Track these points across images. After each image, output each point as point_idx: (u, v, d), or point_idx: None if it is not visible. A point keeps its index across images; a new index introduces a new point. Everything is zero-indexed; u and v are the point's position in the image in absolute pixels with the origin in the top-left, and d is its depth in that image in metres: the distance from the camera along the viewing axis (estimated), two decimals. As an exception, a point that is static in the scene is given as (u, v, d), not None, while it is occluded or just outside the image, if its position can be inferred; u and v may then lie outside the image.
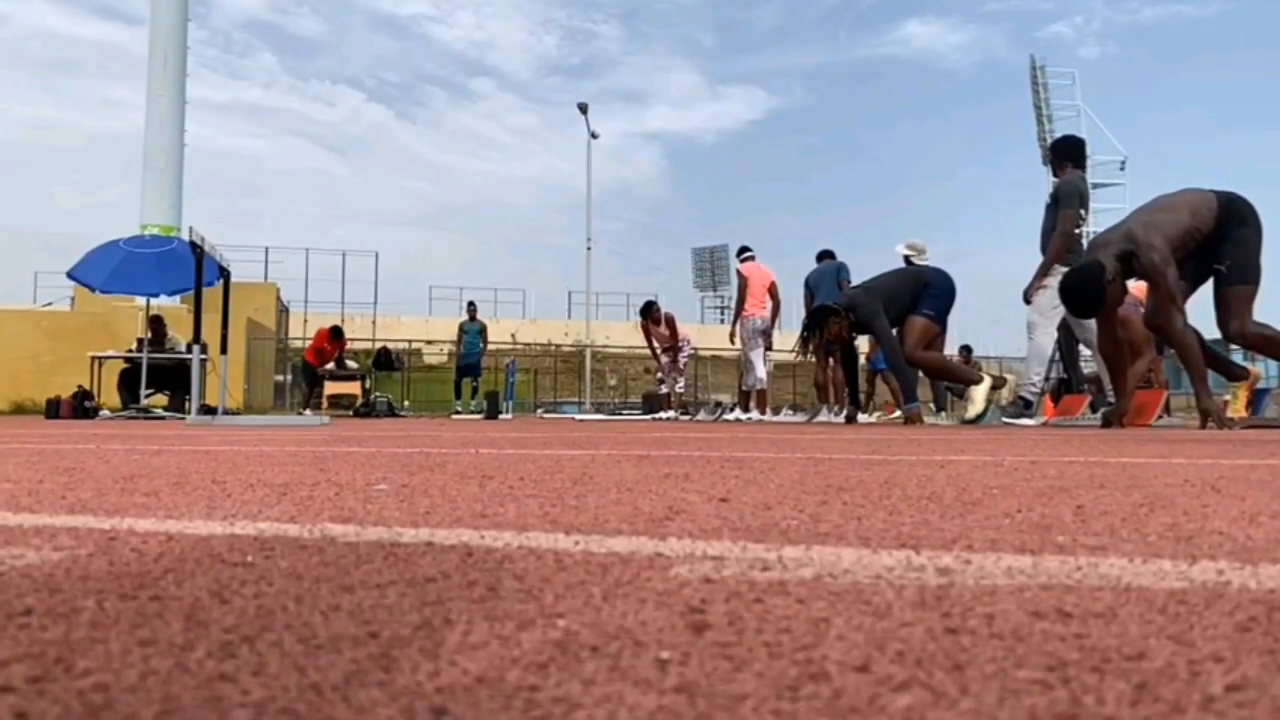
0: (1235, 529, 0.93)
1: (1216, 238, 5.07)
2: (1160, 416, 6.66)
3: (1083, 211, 6.51)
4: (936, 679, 0.42)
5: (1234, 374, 5.62)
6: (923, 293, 6.93)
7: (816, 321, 7.12)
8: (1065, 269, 6.39)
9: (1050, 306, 6.37)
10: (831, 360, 8.63)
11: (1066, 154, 6.67)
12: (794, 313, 10.06)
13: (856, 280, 8.14)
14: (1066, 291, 5.27)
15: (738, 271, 9.73)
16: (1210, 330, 5.33)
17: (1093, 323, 6.73)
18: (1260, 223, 5.11)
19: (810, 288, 9.14)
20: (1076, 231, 6.48)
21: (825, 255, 9.54)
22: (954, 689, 0.41)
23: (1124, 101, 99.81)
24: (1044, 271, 6.41)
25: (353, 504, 1.16)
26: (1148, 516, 1.04)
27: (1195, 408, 5.38)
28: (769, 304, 9.57)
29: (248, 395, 16.00)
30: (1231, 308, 5.03)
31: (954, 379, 7.62)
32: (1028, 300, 6.53)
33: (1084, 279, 5.19)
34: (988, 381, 6.79)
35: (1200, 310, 5.22)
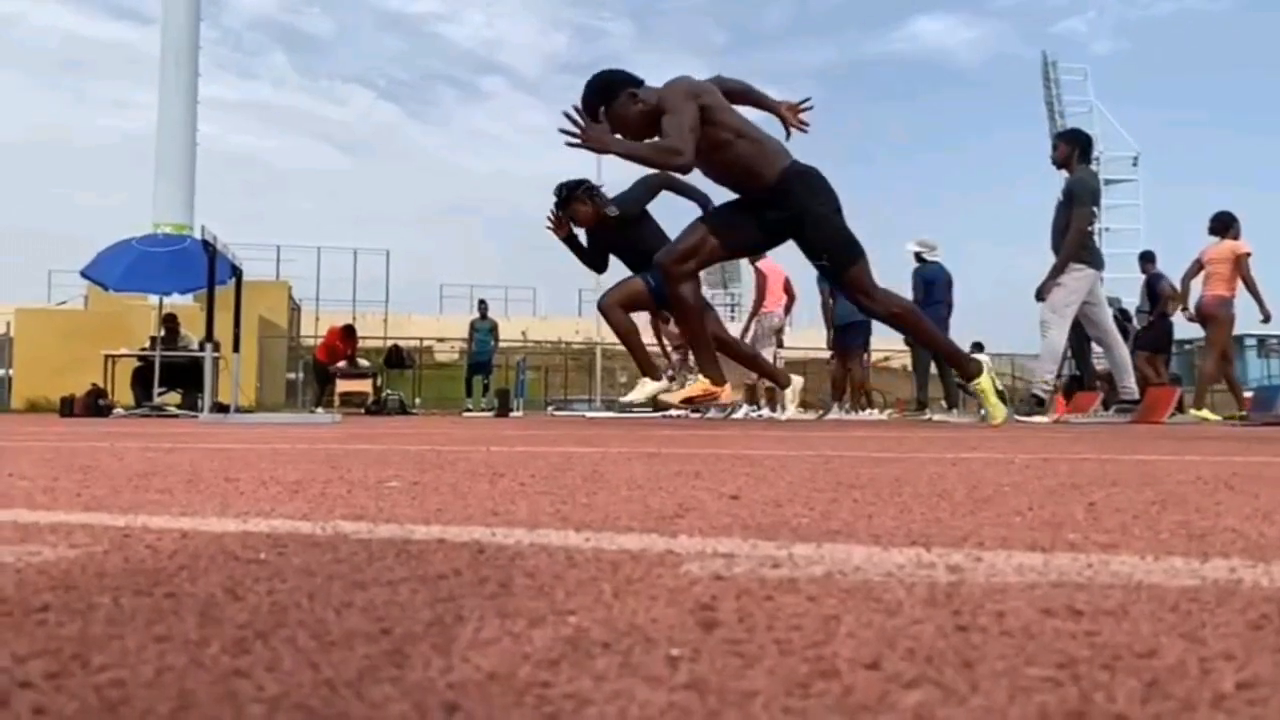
0: (1248, 526, 0.93)
1: (773, 201, 4.45)
2: (1173, 414, 6.63)
3: (1094, 208, 6.47)
4: (947, 676, 0.42)
5: (968, 371, 4.92)
6: None
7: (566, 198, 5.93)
8: (1080, 267, 6.36)
9: (1064, 304, 6.33)
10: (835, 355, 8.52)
11: (1079, 145, 6.59)
12: (800, 310, 10.15)
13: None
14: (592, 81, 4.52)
15: (756, 269, 9.63)
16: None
17: (1108, 320, 6.71)
18: (834, 199, 4.50)
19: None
20: (1090, 229, 6.44)
21: None
22: (964, 686, 0.41)
23: (1137, 97, 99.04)
24: (1058, 270, 6.37)
25: (365, 501, 1.16)
26: (1160, 514, 1.03)
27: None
28: (783, 300, 9.54)
29: (260, 393, 16.07)
30: (861, 286, 4.54)
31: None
32: (1041, 298, 6.49)
33: (611, 75, 4.53)
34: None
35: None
